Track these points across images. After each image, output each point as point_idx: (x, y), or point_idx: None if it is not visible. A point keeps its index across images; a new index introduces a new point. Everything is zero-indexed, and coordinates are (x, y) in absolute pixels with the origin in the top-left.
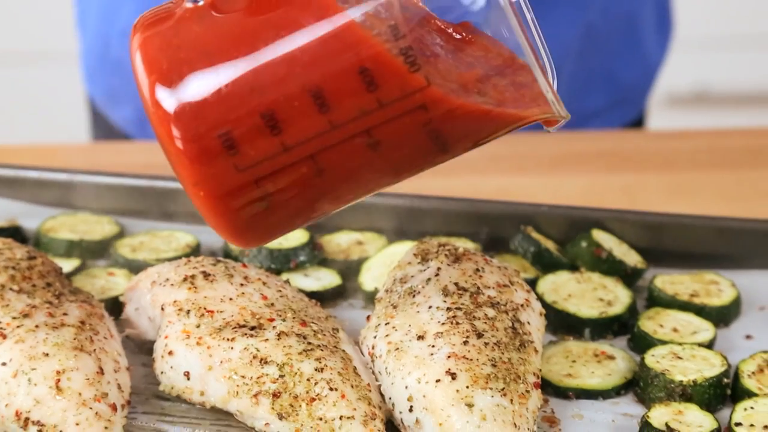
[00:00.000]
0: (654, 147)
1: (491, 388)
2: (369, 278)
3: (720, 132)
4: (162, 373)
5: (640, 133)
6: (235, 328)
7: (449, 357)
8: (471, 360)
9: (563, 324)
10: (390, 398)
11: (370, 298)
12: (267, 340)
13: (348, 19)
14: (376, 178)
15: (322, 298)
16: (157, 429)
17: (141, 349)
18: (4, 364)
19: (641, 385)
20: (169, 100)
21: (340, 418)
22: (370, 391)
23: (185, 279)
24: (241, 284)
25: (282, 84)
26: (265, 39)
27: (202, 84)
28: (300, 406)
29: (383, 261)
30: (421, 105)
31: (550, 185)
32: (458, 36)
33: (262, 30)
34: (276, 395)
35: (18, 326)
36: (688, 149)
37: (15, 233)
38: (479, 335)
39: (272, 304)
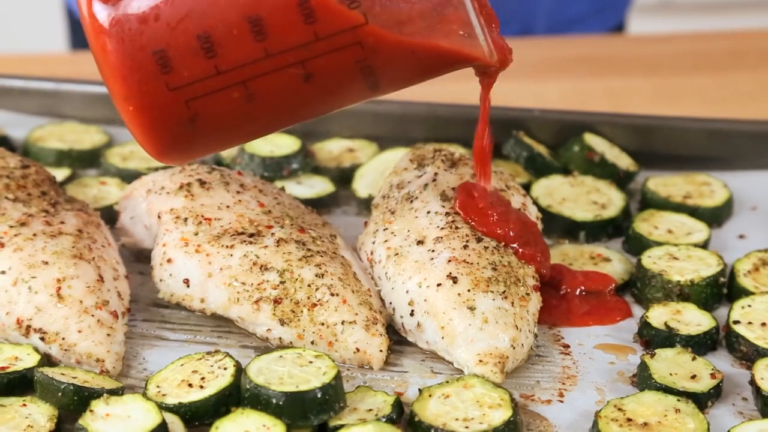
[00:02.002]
0: (635, 51)
1: (492, 291)
2: (362, 185)
3: (701, 35)
4: (161, 280)
5: (621, 37)
6: (233, 235)
7: (449, 261)
8: (471, 264)
9: (558, 227)
10: (390, 303)
11: (364, 204)
12: (266, 247)
13: None
14: (305, 108)
15: (316, 205)
16: (158, 336)
17: (137, 257)
18: (3, 272)
19: (638, 286)
20: (105, 13)
21: (342, 323)
22: (370, 296)
23: (181, 187)
24: (238, 192)
25: (221, 9)
26: None
27: (140, 1)
28: (301, 311)
29: (376, 168)
30: (357, 41)
31: (534, 91)
32: None
33: None
34: (277, 301)
35: (15, 235)
36: (669, 53)
37: (2, 143)
38: (479, 239)
39: (269, 212)
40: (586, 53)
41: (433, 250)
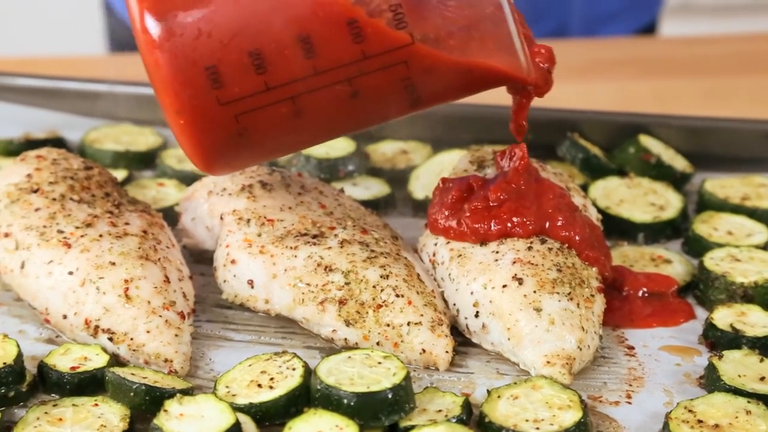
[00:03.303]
0: (680, 53)
1: (558, 293)
2: (419, 187)
3: (744, 37)
4: (224, 281)
5: (664, 38)
6: (297, 236)
7: (514, 262)
8: (536, 265)
9: (617, 229)
10: (454, 304)
11: (420, 206)
12: (330, 248)
13: None
14: (349, 123)
15: (372, 207)
16: (223, 336)
17: (198, 258)
18: (71, 273)
19: (701, 288)
20: (158, 28)
21: (408, 324)
22: (434, 297)
23: (243, 188)
24: (299, 193)
25: (272, 26)
26: None
27: (194, 16)
28: (367, 312)
29: (432, 169)
30: (403, 60)
31: (580, 92)
32: None
33: None
34: (342, 302)
35: (82, 236)
36: (715, 54)
37: (58, 144)
38: (542, 241)
39: (331, 213)
40: (629, 54)
41: (497, 252)
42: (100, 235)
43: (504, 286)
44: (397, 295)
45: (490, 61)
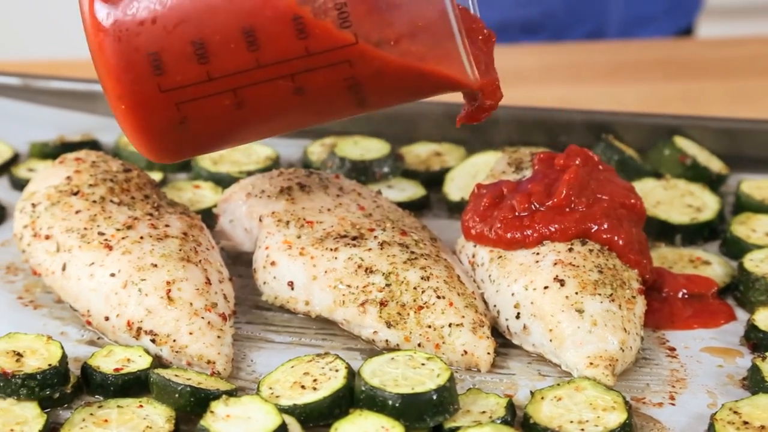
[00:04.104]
0: (710, 54)
1: (600, 294)
2: (454, 188)
3: None
4: (264, 283)
5: (695, 40)
6: (336, 238)
7: (555, 264)
8: (577, 266)
9: (654, 230)
10: (494, 306)
11: (456, 208)
12: (370, 249)
13: None
14: (292, 119)
15: (407, 208)
16: (263, 338)
17: (235, 260)
18: (113, 275)
19: (741, 289)
20: (105, 12)
21: (449, 325)
22: (475, 298)
23: (282, 190)
24: (337, 195)
25: (217, 17)
26: None
27: (140, 2)
28: (408, 314)
29: (467, 171)
30: (346, 60)
31: (610, 94)
32: None
33: None
34: (383, 304)
35: (123, 238)
36: (744, 56)
37: (93, 147)
38: (583, 242)
39: (370, 214)
40: (658, 56)
41: (537, 253)
42: (141, 237)
43: (545, 287)
44: (438, 297)
45: (435, 66)
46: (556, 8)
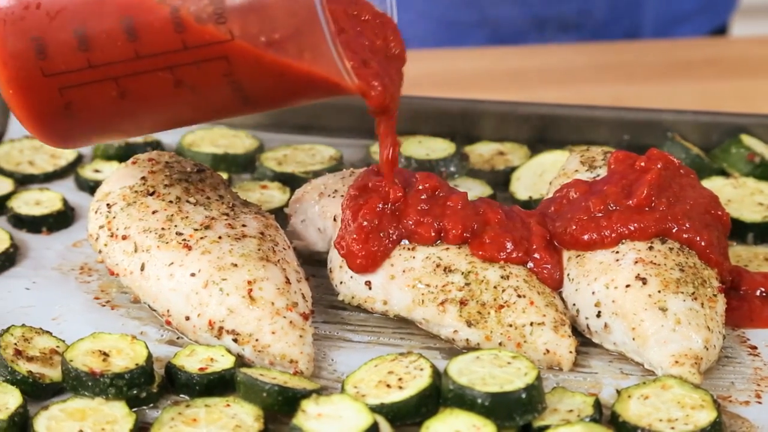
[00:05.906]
0: (754, 53)
1: (682, 293)
2: (521, 187)
3: None
4: (341, 283)
5: (739, 39)
6: None
7: (636, 262)
8: (659, 265)
9: None
10: (574, 304)
11: (523, 207)
12: (448, 248)
13: None
14: (178, 113)
15: None
16: (342, 337)
17: (306, 260)
18: (193, 274)
19: None
20: None
21: (531, 324)
22: (554, 297)
23: None
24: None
25: (99, 6)
26: None
27: None
28: (488, 313)
29: (534, 170)
30: (223, 56)
31: (663, 93)
32: None
33: None
34: (463, 303)
35: (201, 237)
36: None
37: (156, 148)
38: (663, 240)
39: None
40: (706, 55)
41: (617, 252)
42: (219, 237)
43: (627, 285)
44: (519, 296)
45: (310, 66)
46: (593, 6)
